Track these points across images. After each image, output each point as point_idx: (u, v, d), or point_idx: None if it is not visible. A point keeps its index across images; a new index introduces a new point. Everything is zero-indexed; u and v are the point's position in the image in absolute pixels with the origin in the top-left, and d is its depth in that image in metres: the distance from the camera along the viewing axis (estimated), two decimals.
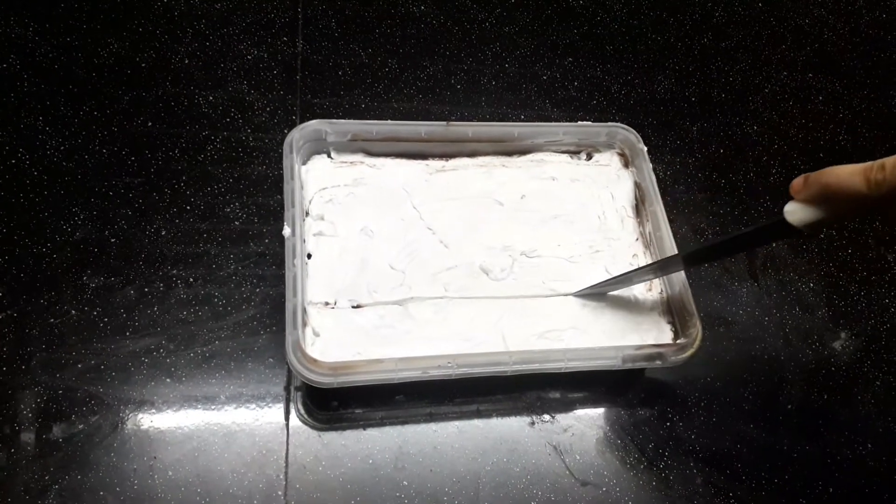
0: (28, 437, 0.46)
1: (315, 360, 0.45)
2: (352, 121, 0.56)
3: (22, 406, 0.47)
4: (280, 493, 0.47)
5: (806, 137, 0.72)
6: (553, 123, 0.61)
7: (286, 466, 0.48)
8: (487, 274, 0.54)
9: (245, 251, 0.56)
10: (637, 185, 0.59)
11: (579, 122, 0.60)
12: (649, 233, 0.57)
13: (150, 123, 0.60)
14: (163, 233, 0.55)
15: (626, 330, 0.53)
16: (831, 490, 0.53)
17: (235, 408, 0.49)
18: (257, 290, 0.54)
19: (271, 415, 0.49)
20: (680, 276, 0.52)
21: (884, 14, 0.85)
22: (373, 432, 0.50)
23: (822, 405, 0.57)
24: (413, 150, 0.58)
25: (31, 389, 0.48)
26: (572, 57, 0.73)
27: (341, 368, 0.46)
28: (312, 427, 0.49)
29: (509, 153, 0.60)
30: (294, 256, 0.49)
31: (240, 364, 0.51)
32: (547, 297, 0.54)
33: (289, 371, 0.51)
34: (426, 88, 0.68)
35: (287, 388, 0.51)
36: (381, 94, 0.66)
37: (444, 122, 0.57)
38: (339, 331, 0.50)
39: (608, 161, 0.61)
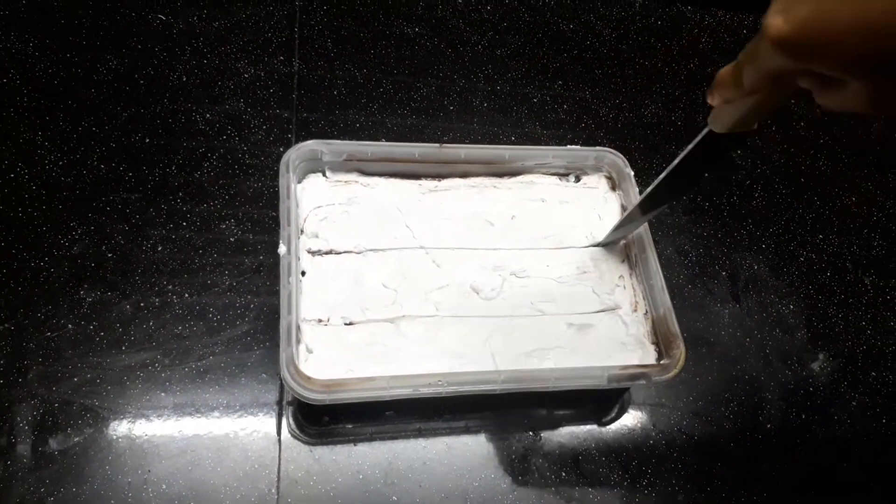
0: (24, 449, 0.47)
1: (308, 378, 0.46)
2: (347, 141, 0.57)
3: (18, 418, 0.48)
4: None
5: (787, 162, 0.75)
6: (543, 147, 0.62)
7: (278, 481, 0.49)
8: (478, 293, 0.55)
9: (240, 267, 0.57)
10: (623, 208, 0.61)
11: (568, 146, 0.62)
12: (635, 255, 0.58)
13: (147, 139, 0.61)
14: (159, 248, 0.56)
15: (612, 350, 0.54)
16: None
17: (229, 422, 0.50)
18: (251, 305, 0.55)
19: (264, 429, 0.50)
20: (664, 299, 0.54)
21: None
22: (363, 448, 0.51)
23: (801, 425, 0.59)
24: (406, 171, 0.59)
25: (28, 402, 0.48)
26: (562, 80, 0.75)
27: (334, 385, 0.47)
28: (304, 442, 0.50)
29: (500, 175, 0.61)
30: (289, 274, 0.50)
31: (233, 379, 0.52)
32: (535, 316, 0.55)
33: (281, 386, 0.52)
34: (420, 109, 0.69)
35: (279, 403, 0.52)
36: (375, 114, 0.67)
37: (438, 144, 0.58)
38: (331, 348, 0.51)
39: (596, 184, 0.62)
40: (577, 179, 0.63)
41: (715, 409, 0.58)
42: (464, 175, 0.61)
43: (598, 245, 0.59)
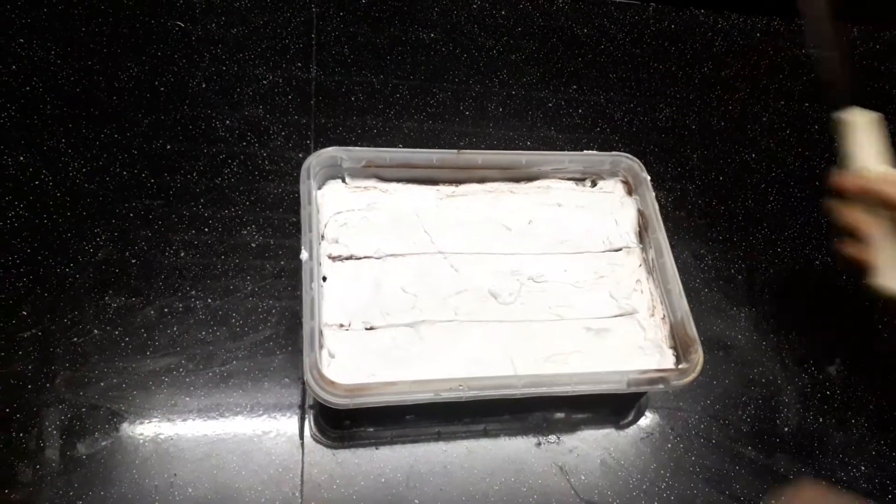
0: (53, 453, 0.48)
1: (332, 382, 0.47)
2: (366, 148, 0.58)
3: (47, 423, 0.48)
4: None
5: (802, 165, 0.75)
6: (559, 152, 0.63)
7: (301, 484, 0.49)
8: (496, 298, 0.56)
9: (261, 272, 0.57)
10: (640, 213, 0.61)
11: (585, 151, 0.62)
12: (652, 259, 0.59)
13: (168, 146, 0.62)
14: (182, 254, 0.57)
15: (630, 354, 0.55)
16: None
17: (252, 426, 0.51)
18: (273, 310, 0.56)
19: (287, 433, 0.51)
20: (682, 304, 0.54)
21: (877, 45, 0.88)
22: (385, 451, 0.52)
23: (818, 428, 0.59)
24: (424, 176, 0.60)
25: (56, 406, 0.49)
26: (576, 84, 0.75)
27: (357, 390, 0.48)
28: (327, 446, 0.51)
29: (517, 180, 0.62)
30: (311, 280, 0.51)
31: (256, 383, 0.52)
32: (553, 321, 0.55)
33: (303, 390, 0.53)
34: (436, 114, 0.70)
35: (302, 408, 0.52)
36: (392, 119, 0.68)
37: (455, 150, 0.59)
38: (353, 352, 0.52)
39: (612, 188, 0.63)
40: (594, 184, 0.63)
41: (732, 412, 0.58)
42: (481, 180, 0.61)
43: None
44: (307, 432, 0.51)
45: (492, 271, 0.57)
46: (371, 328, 0.53)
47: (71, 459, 0.48)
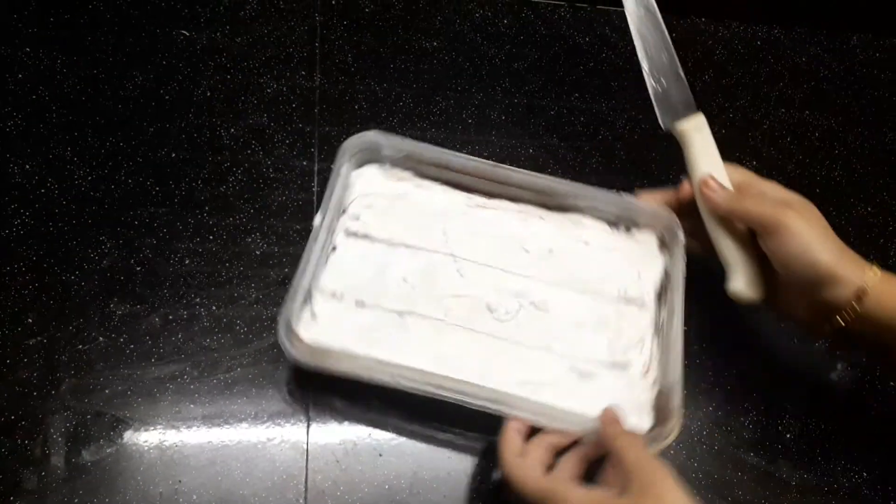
0: (58, 460, 0.48)
1: (300, 339, 0.48)
2: (407, 139, 0.59)
3: (52, 430, 0.49)
4: None
5: (803, 173, 0.75)
6: (598, 189, 0.61)
7: (305, 491, 0.49)
8: (491, 312, 0.55)
9: (266, 279, 0.58)
10: (666, 272, 0.59)
11: (624, 194, 0.60)
12: (663, 321, 0.57)
13: (173, 154, 0.62)
14: (186, 261, 0.57)
15: (606, 405, 0.51)
16: None
17: (257, 433, 0.51)
18: (278, 317, 0.56)
19: (291, 440, 0.51)
20: (676, 371, 0.52)
21: (877, 53, 0.88)
22: (389, 458, 0.52)
23: (820, 434, 0.59)
24: (460, 181, 0.61)
25: (61, 414, 0.49)
26: (578, 92, 0.76)
27: (321, 353, 0.49)
28: (331, 452, 0.51)
29: (549, 206, 0.61)
30: (315, 241, 0.52)
31: (261, 390, 0.53)
32: (541, 350, 0.55)
33: (308, 397, 0.53)
34: (439, 122, 0.70)
35: (306, 415, 0.52)
36: (395, 128, 0.68)
37: (492, 162, 0.59)
38: (335, 321, 0.52)
39: (646, 240, 0.61)
40: (628, 229, 0.61)
41: (734, 419, 0.59)
42: (513, 199, 0.61)
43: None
44: (312, 439, 0.52)
45: (496, 286, 0.57)
46: (361, 305, 0.53)
47: (76, 466, 0.48)
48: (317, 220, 0.53)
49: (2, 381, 0.50)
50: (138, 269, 0.56)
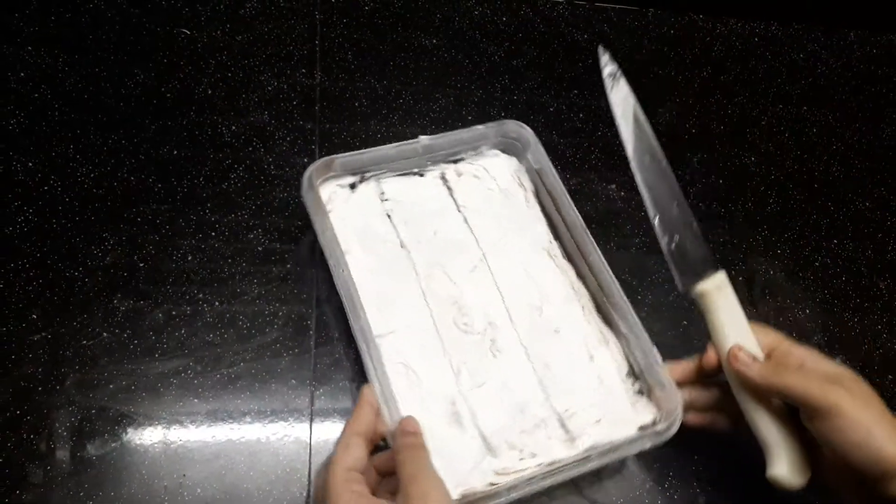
0: (63, 454, 0.48)
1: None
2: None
3: (57, 425, 0.49)
4: None
5: (801, 168, 0.76)
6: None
7: (309, 485, 0.50)
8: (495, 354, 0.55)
9: (268, 275, 0.58)
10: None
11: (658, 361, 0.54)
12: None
13: (175, 151, 0.62)
14: (189, 258, 0.57)
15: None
16: None
17: (260, 427, 0.51)
18: (280, 313, 0.56)
19: (295, 434, 0.52)
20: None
21: (874, 49, 0.89)
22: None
23: None
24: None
25: (66, 409, 0.50)
26: (577, 89, 0.76)
27: None
28: (334, 445, 0.51)
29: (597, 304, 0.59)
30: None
31: (264, 385, 0.53)
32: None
33: (311, 392, 0.53)
34: (438, 119, 0.70)
35: (310, 409, 0.53)
36: (395, 125, 0.69)
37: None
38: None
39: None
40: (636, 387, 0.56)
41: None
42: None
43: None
44: (315, 433, 0.52)
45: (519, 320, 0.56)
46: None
47: (81, 461, 0.48)
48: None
49: (7, 376, 0.50)
50: (141, 265, 0.56)
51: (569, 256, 0.60)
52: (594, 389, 0.54)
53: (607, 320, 0.57)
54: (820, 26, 0.89)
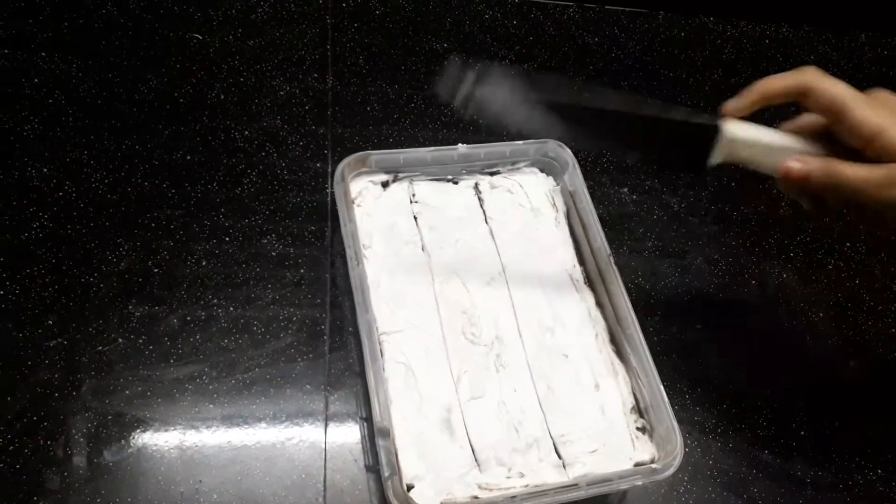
0: (80, 460, 0.48)
1: None
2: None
3: (73, 431, 0.49)
4: None
5: None
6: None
7: (325, 490, 0.50)
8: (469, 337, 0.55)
9: (282, 280, 0.58)
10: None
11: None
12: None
13: (189, 157, 0.63)
14: (203, 263, 0.58)
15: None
16: None
17: (275, 433, 0.52)
18: (294, 318, 0.56)
19: (310, 439, 0.52)
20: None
21: (885, 51, 0.88)
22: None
23: (834, 432, 0.59)
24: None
25: (82, 415, 0.50)
26: (589, 92, 0.76)
27: None
28: (349, 451, 0.52)
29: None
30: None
31: (279, 390, 0.53)
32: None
33: (325, 397, 0.53)
34: (450, 123, 0.70)
35: (325, 414, 0.53)
36: (407, 129, 0.69)
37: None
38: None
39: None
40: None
41: (748, 416, 0.59)
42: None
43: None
44: (330, 438, 0.52)
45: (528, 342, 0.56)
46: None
47: (98, 466, 0.48)
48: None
49: (24, 382, 0.50)
50: (156, 270, 0.57)
51: (590, 282, 0.60)
52: (595, 419, 0.53)
53: (620, 352, 0.56)
54: (831, 28, 0.89)
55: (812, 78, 0.48)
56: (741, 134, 0.49)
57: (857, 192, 0.45)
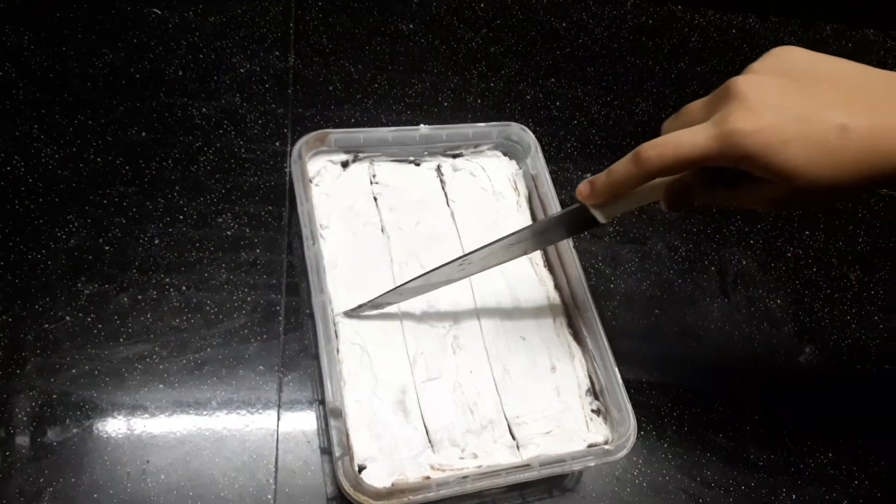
0: (23, 440, 0.47)
1: None
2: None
3: (17, 410, 0.48)
4: (270, 496, 0.48)
5: None
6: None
7: (276, 471, 0.49)
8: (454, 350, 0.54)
9: (236, 260, 0.57)
10: None
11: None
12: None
13: (143, 133, 0.61)
14: (156, 241, 0.56)
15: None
16: (794, 496, 0.56)
17: (226, 414, 0.51)
18: (248, 298, 0.55)
19: (262, 421, 0.51)
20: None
21: (849, 43, 0.89)
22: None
23: (787, 416, 0.60)
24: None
25: (26, 393, 0.49)
26: (555, 77, 0.76)
27: None
28: (301, 432, 0.51)
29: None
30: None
31: (231, 371, 0.52)
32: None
33: (279, 378, 0.52)
34: (414, 105, 0.70)
35: (277, 394, 0.52)
36: (370, 109, 0.68)
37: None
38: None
39: None
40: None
41: (704, 400, 0.59)
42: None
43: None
44: (282, 420, 0.51)
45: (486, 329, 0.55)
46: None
47: (41, 446, 0.47)
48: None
49: None
50: (107, 248, 0.55)
51: (550, 266, 0.60)
52: (550, 401, 0.53)
53: (577, 335, 0.57)
54: (797, 19, 0.90)
55: (655, 160, 0.41)
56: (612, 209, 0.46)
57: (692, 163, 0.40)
